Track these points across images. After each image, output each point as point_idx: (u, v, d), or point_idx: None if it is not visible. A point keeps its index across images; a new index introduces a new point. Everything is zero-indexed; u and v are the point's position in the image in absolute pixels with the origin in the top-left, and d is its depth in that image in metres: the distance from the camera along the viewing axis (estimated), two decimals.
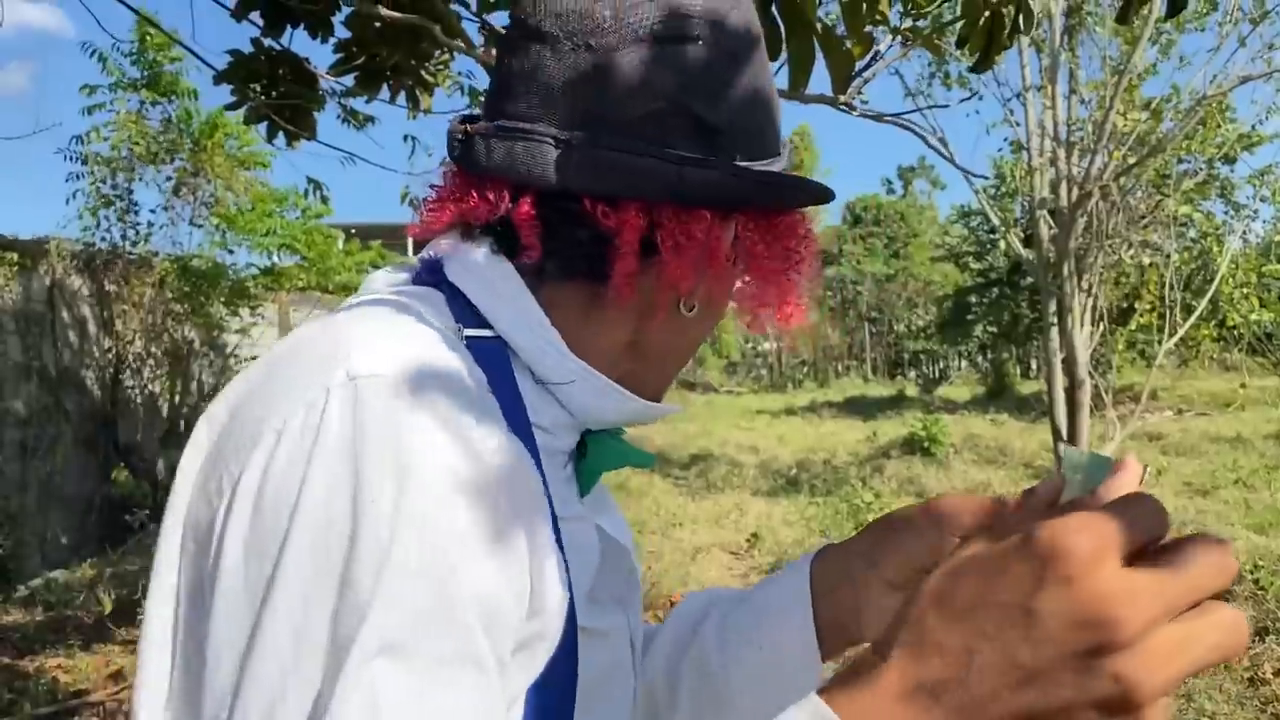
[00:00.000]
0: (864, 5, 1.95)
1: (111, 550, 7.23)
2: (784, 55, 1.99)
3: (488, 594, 0.59)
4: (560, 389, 0.75)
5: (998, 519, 0.75)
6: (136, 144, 8.36)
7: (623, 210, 0.72)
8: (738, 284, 0.82)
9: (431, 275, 0.77)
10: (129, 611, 5.66)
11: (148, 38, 8.11)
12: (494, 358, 0.72)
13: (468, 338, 0.71)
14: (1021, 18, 1.75)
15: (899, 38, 1.96)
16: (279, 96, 3.06)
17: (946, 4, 1.90)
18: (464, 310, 0.74)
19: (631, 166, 0.71)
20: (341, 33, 2.95)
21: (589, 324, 0.77)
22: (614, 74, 0.71)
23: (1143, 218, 9.98)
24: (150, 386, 8.31)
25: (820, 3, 1.98)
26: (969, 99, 2.95)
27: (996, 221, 11.29)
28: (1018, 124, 10.22)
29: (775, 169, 0.79)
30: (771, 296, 0.82)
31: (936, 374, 34.39)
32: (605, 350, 0.78)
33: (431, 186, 0.79)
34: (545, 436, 0.74)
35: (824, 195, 0.80)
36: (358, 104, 3.73)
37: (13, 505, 6.90)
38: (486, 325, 0.74)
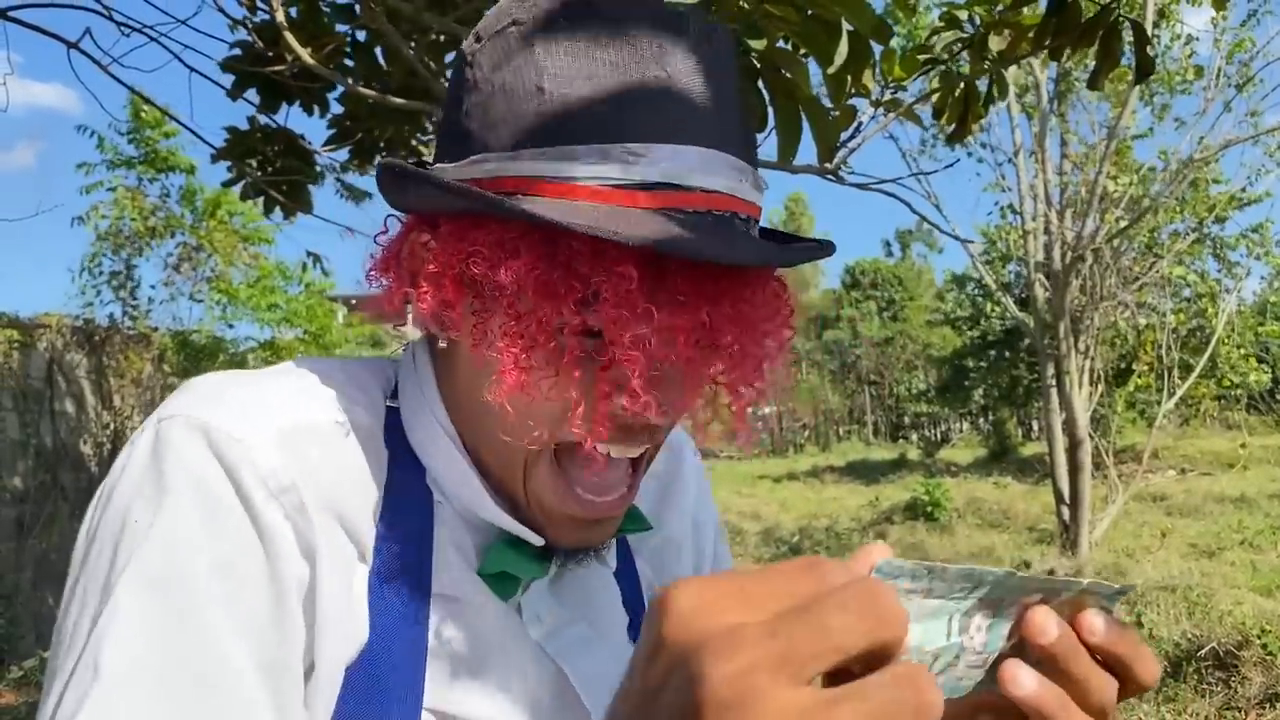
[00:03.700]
0: (848, 77, 1.99)
1: None
2: (771, 125, 2.03)
3: (237, 618, 0.61)
4: (435, 472, 0.73)
5: None
6: (135, 220, 8.45)
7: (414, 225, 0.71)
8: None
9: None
10: None
11: (142, 114, 8.23)
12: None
13: (389, 407, 0.74)
14: (996, 89, 1.79)
15: (881, 109, 2.00)
16: (275, 172, 3.12)
17: (924, 75, 1.95)
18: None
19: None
20: (336, 108, 3.02)
21: (449, 385, 0.74)
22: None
23: (1136, 279, 10.04)
24: None
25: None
26: (952, 165, 2.99)
27: (991, 284, 11.38)
28: (1009, 188, 10.34)
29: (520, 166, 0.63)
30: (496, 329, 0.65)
31: (938, 437, 34.28)
32: (459, 415, 0.73)
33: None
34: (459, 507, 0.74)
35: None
36: (355, 179, 3.80)
37: (8, 584, 6.83)
38: None
